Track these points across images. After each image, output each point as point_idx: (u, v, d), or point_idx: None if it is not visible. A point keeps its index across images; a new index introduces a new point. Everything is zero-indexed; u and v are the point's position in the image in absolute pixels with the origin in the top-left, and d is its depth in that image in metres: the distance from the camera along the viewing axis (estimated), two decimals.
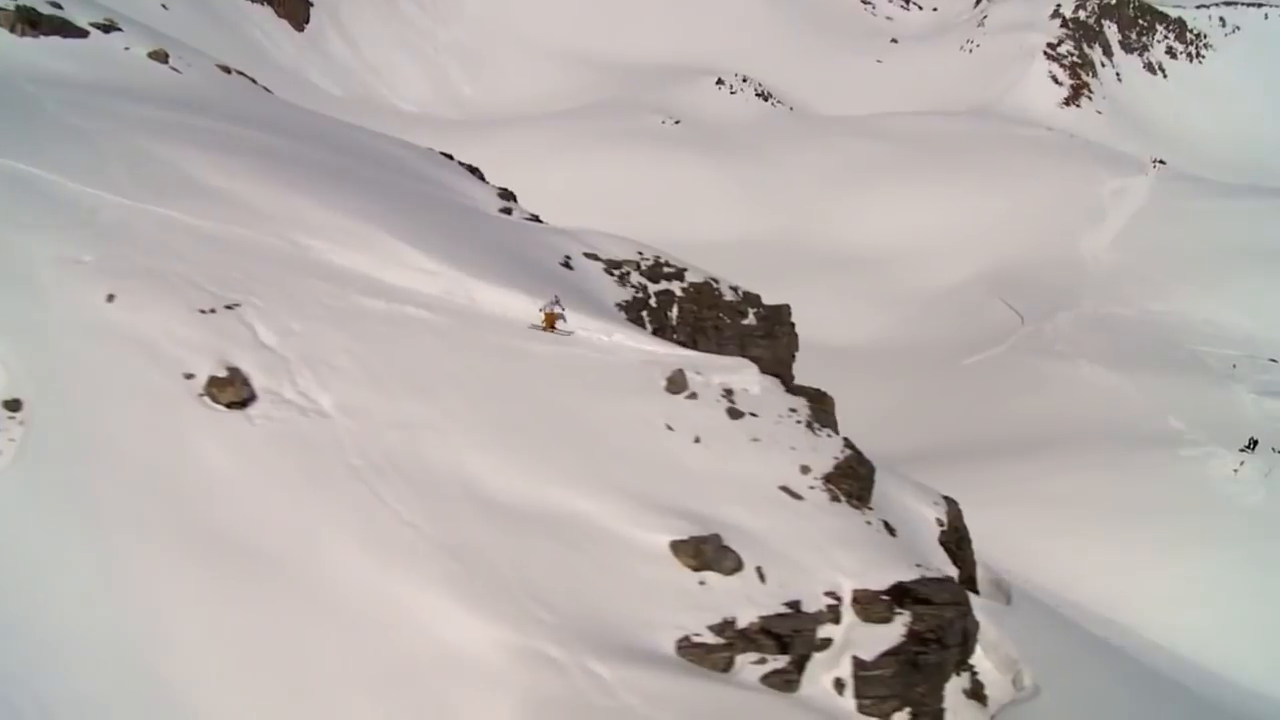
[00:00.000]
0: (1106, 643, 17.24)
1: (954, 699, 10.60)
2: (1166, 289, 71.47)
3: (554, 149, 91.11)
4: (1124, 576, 37.17)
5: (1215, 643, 34.27)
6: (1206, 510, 39.81)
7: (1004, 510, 41.06)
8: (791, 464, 11.91)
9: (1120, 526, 39.50)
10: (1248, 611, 35.30)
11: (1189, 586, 36.48)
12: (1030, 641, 12.09)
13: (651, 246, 19.60)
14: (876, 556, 11.02)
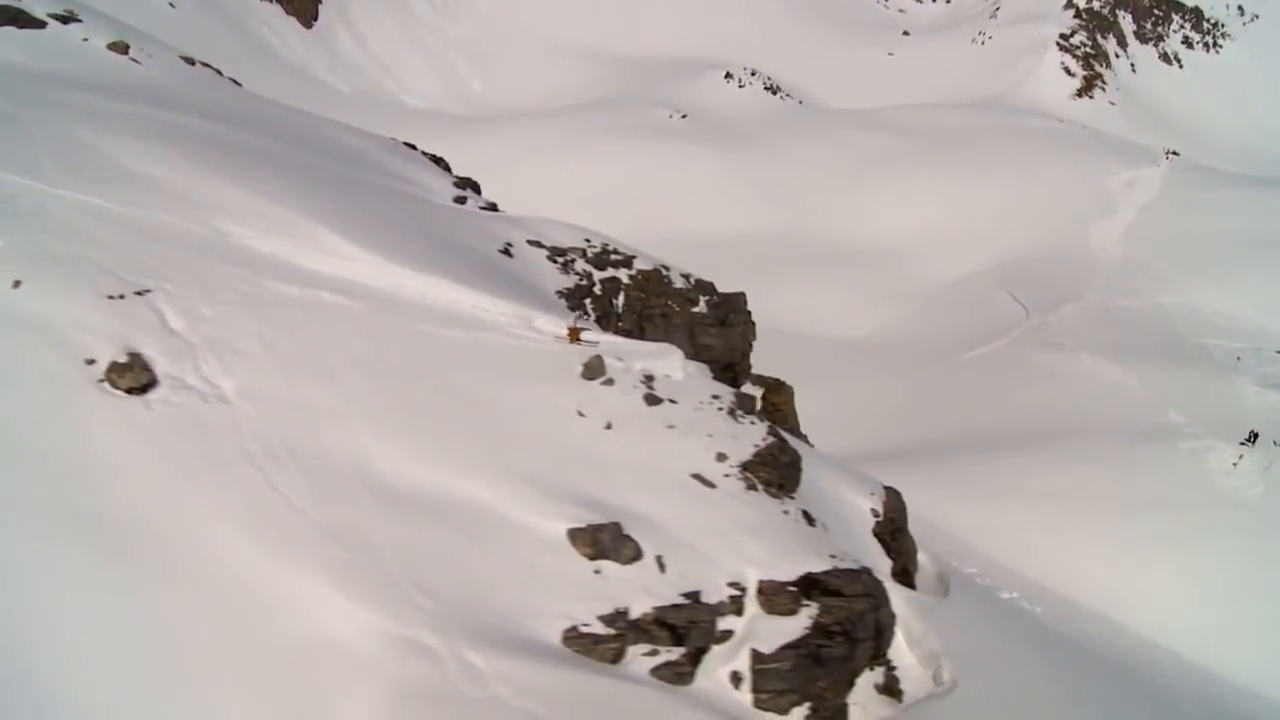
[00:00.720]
0: (1057, 636, 16.85)
1: (864, 694, 10.31)
2: (1176, 281, 70.62)
3: (559, 144, 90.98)
4: (1120, 572, 36.62)
5: (1212, 640, 33.70)
6: (1205, 504, 39.21)
7: (1000, 505, 40.69)
8: (707, 451, 11.64)
9: (1117, 521, 38.95)
10: (1245, 608, 34.69)
11: (1186, 582, 35.91)
12: (961, 635, 11.76)
13: (601, 234, 19.33)
14: (788, 546, 10.73)
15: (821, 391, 59.53)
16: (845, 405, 56.87)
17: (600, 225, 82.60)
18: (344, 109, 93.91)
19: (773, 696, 9.35)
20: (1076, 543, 38.15)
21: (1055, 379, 51.59)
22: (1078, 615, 34.75)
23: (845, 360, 63.65)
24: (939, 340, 64.29)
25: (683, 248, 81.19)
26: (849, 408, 56.43)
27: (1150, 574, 36.51)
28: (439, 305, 12.93)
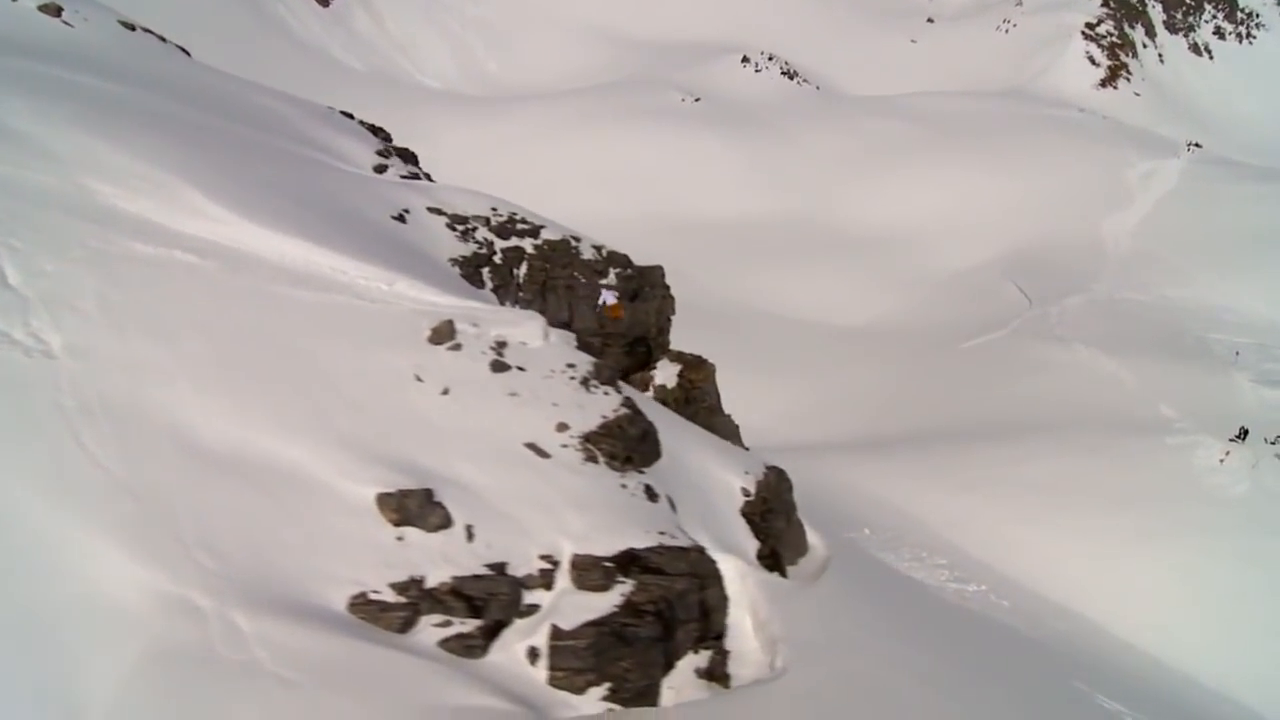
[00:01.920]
0: (954, 624, 16.36)
1: (683, 677, 9.93)
2: (1188, 275, 69.41)
3: (569, 126, 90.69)
4: (1094, 567, 35.96)
5: (1185, 640, 33.02)
6: (1188, 500, 38.42)
7: (980, 495, 40.10)
8: (548, 421, 11.30)
9: (1097, 515, 38.26)
10: (1222, 607, 33.95)
11: (1161, 579, 35.19)
12: (816, 622, 11.36)
13: (510, 203, 18.98)
14: (614, 521, 10.36)
15: (815, 378, 59.17)
16: (838, 392, 56.37)
17: (606, 207, 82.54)
18: (357, 88, 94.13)
19: (568, 675, 9.01)
20: (1052, 536, 37.50)
21: (1049, 370, 50.78)
22: (1046, 611, 34.14)
23: (843, 347, 63.05)
24: (940, 329, 63.55)
25: (688, 231, 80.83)
26: (841, 395, 55.93)
27: (1126, 570, 35.82)
28: (296, 267, 12.66)
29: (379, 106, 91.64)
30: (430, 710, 8.08)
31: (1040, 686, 15.29)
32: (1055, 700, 14.65)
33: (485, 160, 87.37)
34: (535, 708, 8.83)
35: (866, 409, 52.86)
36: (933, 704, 10.61)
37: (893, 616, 12.87)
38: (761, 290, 71.61)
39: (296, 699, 7.82)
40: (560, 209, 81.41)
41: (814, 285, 72.35)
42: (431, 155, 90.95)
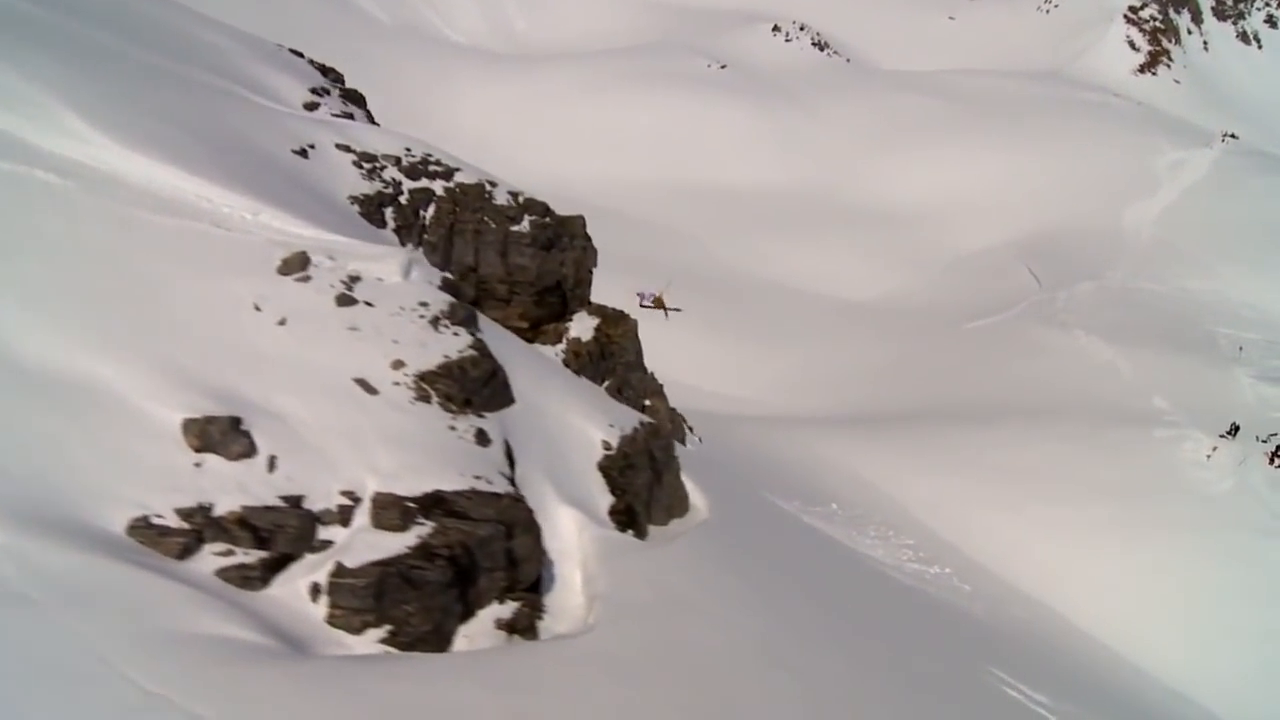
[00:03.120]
0: (827, 597, 15.91)
1: (480, 626, 9.65)
2: (1209, 267, 67.91)
3: (593, 88, 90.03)
4: (1064, 557, 35.38)
5: (1148, 635, 32.40)
6: (1168, 494, 37.69)
7: (957, 477, 39.56)
8: (383, 357, 11.01)
9: (1072, 504, 37.62)
10: (1189, 605, 33.28)
11: (1130, 573, 34.58)
12: (650, 582, 11.01)
13: (428, 144, 18.63)
14: (428, 462, 10.08)
15: (813, 350, 58.57)
16: (834, 366, 55.79)
17: (623, 170, 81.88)
18: (382, 41, 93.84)
19: (346, 614, 8.78)
20: (1025, 523, 36.93)
21: (1046, 355, 49.93)
22: (1009, 597, 33.64)
23: (846, 321, 62.39)
24: (946, 308, 62.70)
25: (703, 198, 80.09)
26: (837, 369, 55.34)
27: (1095, 562, 35.23)
28: (162, 193, 12.41)
29: (404, 61, 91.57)
30: (172, 636, 7.87)
31: (933, 669, 14.87)
32: (942, 683, 14.27)
33: (507, 118, 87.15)
34: (303, 644, 8.63)
35: (860, 384, 52.26)
36: (752, 671, 10.30)
37: (758, 584, 12.52)
38: (771, 260, 70.91)
39: (27, 617, 7.63)
40: (576, 171, 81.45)
41: (825, 258, 71.55)
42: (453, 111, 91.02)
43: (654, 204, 77.84)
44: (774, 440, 41.18)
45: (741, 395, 52.24)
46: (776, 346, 58.26)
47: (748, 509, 17.84)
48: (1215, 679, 30.58)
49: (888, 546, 33.17)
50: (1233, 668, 30.86)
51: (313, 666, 8.21)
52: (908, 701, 11.89)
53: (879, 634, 15.02)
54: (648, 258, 68.77)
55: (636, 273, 65.50)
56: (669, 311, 15.81)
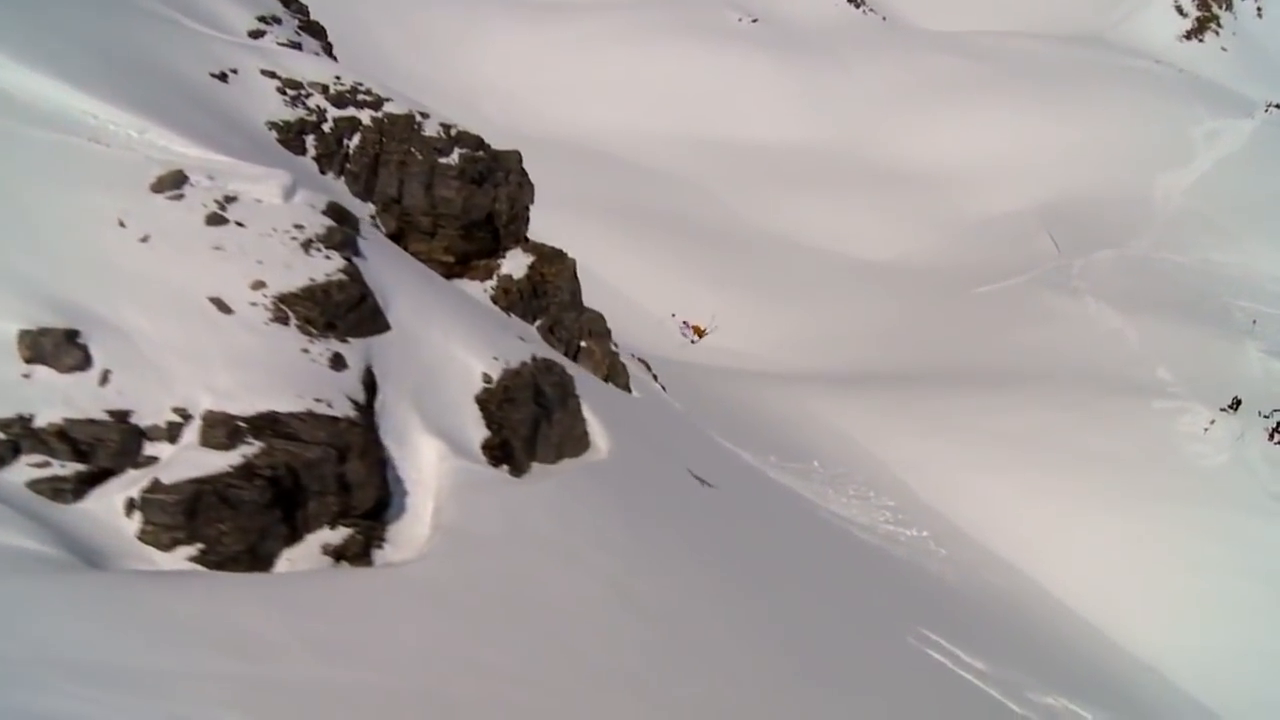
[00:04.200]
0: (724, 549, 15.57)
1: (306, 551, 9.49)
2: (1237, 239, 66.20)
3: (621, 36, 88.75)
4: (1046, 526, 34.85)
5: (1126, 608, 31.84)
6: (1160, 467, 36.94)
7: (946, 441, 39.04)
8: (245, 278, 10.80)
9: (1061, 473, 37.00)
10: (1170, 580, 32.63)
11: (1113, 545, 33.98)
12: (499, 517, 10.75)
13: (364, 74, 18.26)
14: (269, 383, 9.87)
15: (822, 309, 57.96)
16: (840, 325, 55.19)
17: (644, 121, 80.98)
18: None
19: (156, 530, 8.64)
20: (1011, 490, 36.39)
21: (1053, 321, 49.00)
22: (986, 563, 33.20)
23: (858, 281, 61.62)
24: (962, 271, 61.69)
25: (723, 152, 79.06)
26: (843, 328, 54.74)
27: (1078, 532, 34.67)
28: (47, 108, 12.23)
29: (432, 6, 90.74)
30: None
31: (842, 629, 14.58)
32: (843, 642, 13.97)
33: (533, 67, 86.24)
34: (108, 559, 8.52)
35: (864, 344, 51.66)
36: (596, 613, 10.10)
37: (637, 528, 12.25)
38: (788, 217, 70.06)
39: None
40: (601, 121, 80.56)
41: (844, 217, 70.57)
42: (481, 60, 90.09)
43: (675, 156, 77.03)
44: (764, 395, 40.82)
45: (744, 350, 51.78)
46: (785, 304, 57.68)
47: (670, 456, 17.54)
48: (1188, 655, 30.07)
49: (865, 507, 32.84)
50: (1206, 644, 30.34)
51: (98, 580, 8.07)
52: (782, 657, 11.62)
53: (788, 592, 14.72)
54: (664, 210, 68.31)
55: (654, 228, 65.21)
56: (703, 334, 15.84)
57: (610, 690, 9.27)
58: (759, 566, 14.69)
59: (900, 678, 13.93)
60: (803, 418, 39.12)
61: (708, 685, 9.94)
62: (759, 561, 14.95)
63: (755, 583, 13.80)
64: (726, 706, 9.73)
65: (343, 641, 8.28)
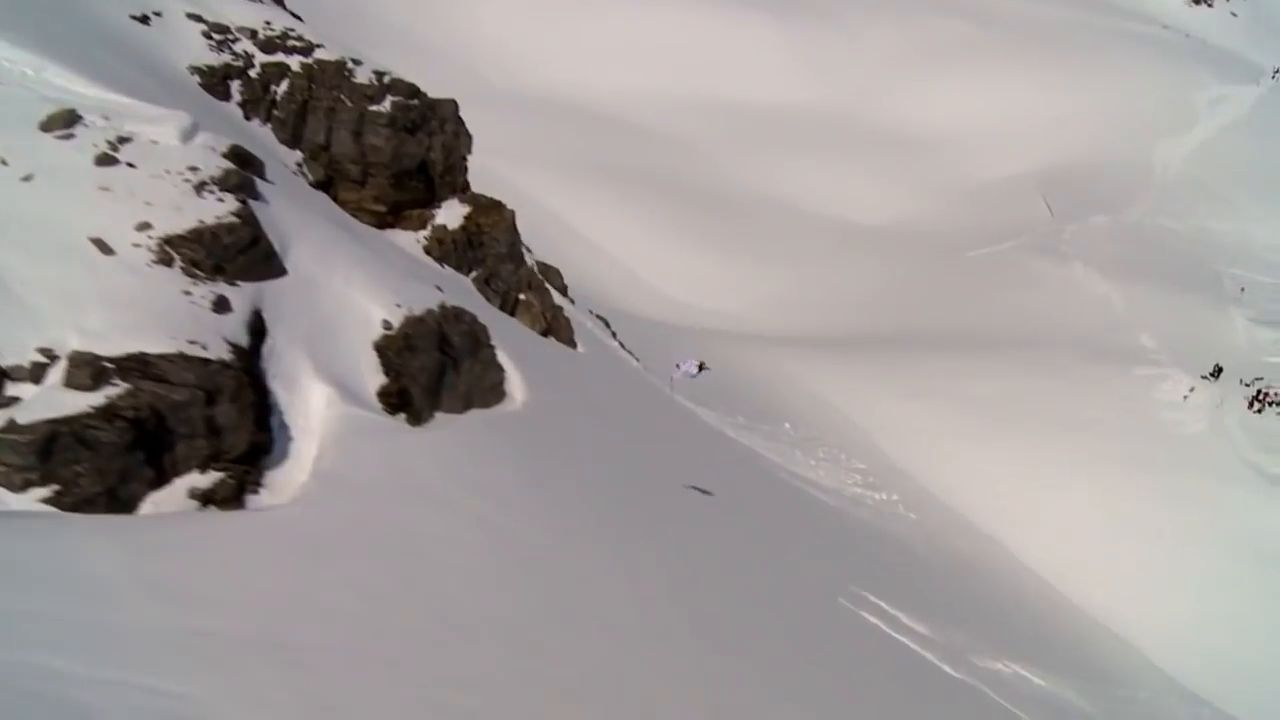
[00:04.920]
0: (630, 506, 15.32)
1: (172, 494, 9.36)
2: (1236, 207, 65.56)
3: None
4: (1019, 492, 34.65)
5: (1089, 574, 31.66)
6: (1137, 433, 36.70)
7: (923, 405, 38.82)
8: (131, 219, 10.56)
9: (1037, 439, 36.79)
10: (1139, 547, 32.47)
11: (1085, 512, 33.80)
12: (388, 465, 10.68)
13: (294, 20, 17.90)
14: (142, 324, 9.66)
15: (810, 271, 57.54)
16: (827, 288, 54.81)
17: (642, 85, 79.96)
18: None
19: (8, 470, 8.48)
20: (986, 455, 36.18)
21: (1039, 287, 48.59)
22: (955, 528, 33.03)
23: (849, 244, 61.17)
24: (954, 236, 61.21)
25: (719, 113, 78.22)
26: (830, 291, 54.36)
27: (1052, 498, 34.50)
28: None
29: None
30: None
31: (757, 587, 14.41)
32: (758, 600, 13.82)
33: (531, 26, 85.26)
34: None
35: (850, 308, 51.30)
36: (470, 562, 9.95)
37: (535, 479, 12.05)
38: (783, 180, 69.50)
39: None
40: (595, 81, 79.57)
41: (838, 180, 69.98)
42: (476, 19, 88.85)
43: (671, 118, 76.39)
44: (742, 356, 40.56)
45: (730, 311, 51.53)
46: (773, 266, 57.30)
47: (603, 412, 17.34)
48: (1150, 620, 29.97)
49: (834, 469, 32.66)
50: (1169, 609, 30.24)
51: None
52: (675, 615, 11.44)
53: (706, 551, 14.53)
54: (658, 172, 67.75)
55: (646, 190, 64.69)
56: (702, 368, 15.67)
57: (475, 640, 9.11)
58: (678, 526, 14.51)
59: (814, 636, 13.75)
60: (779, 380, 38.88)
61: (583, 639, 9.79)
62: (681, 521, 14.77)
63: (667, 541, 13.62)
64: (599, 660, 9.59)
65: (189, 586, 8.11)
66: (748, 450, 26.09)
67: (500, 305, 18.27)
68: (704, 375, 33.69)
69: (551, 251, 50.18)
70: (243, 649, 7.77)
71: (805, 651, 12.68)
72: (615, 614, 10.58)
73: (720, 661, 10.97)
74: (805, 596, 15.42)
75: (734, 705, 10.24)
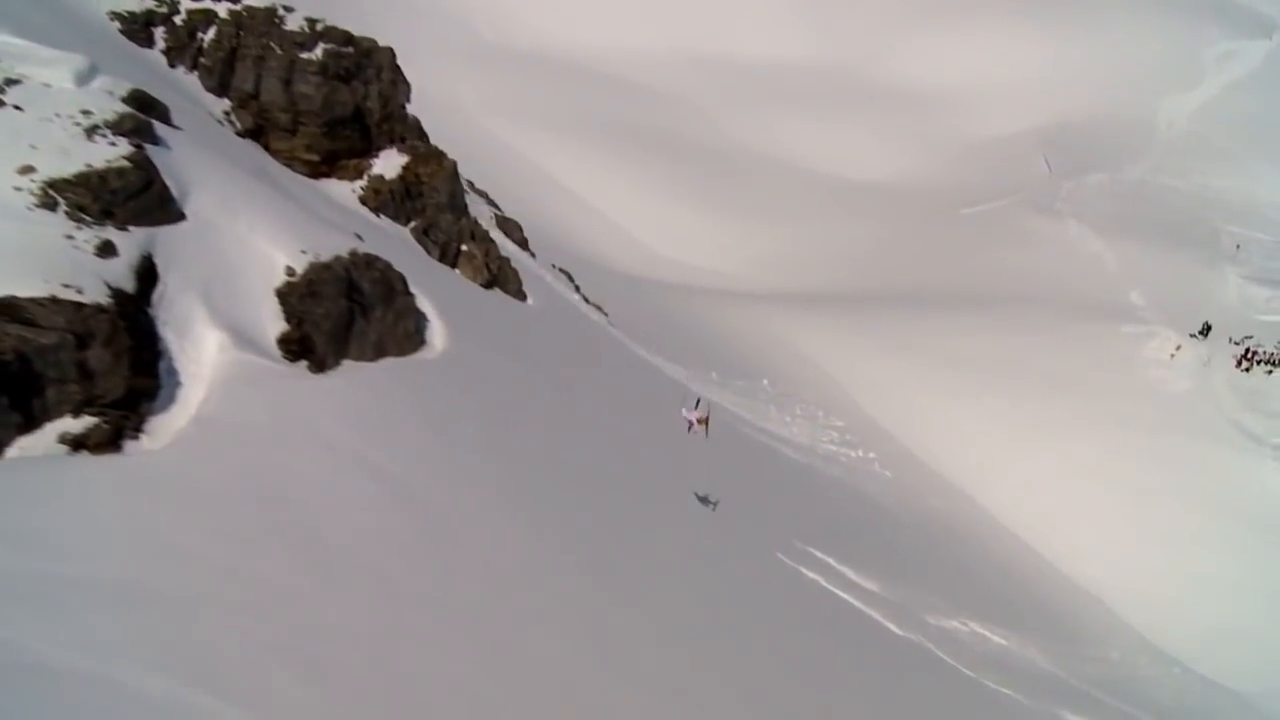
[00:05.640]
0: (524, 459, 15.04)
1: (39, 440, 9.22)
2: (1241, 164, 64.49)
3: None
4: (1003, 450, 34.32)
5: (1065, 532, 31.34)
6: (1120, 392, 36.23)
7: (906, 362, 38.45)
8: (14, 161, 10.37)
9: (1019, 397, 36.39)
10: (1117, 507, 32.12)
11: (1064, 471, 33.41)
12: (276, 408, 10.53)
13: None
14: (12, 269, 9.38)
15: (803, 229, 56.96)
16: (820, 246, 54.26)
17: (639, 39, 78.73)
18: None
19: None
20: (966, 414, 35.82)
21: (1033, 244, 47.95)
22: (932, 487, 32.75)
23: (844, 202, 60.52)
24: (951, 193, 60.47)
25: (719, 70, 77.20)
26: (823, 248, 53.82)
27: (1030, 455, 34.14)
28: None
29: None
30: None
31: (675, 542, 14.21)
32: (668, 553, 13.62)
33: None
34: None
35: (840, 265, 50.77)
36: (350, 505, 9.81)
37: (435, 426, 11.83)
38: (780, 138, 68.74)
39: None
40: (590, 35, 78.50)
41: (838, 138, 69.19)
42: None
43: (668, 74, 75.59)
44: (725, 314, 40.24)
45: (721, 268, 51.10)
46: (766, 223, 56.76)
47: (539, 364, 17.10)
48: (1123, 578, 29.72)
49: (810, 426, 32.41)
50: (1141, 568, 29.98)
51: None
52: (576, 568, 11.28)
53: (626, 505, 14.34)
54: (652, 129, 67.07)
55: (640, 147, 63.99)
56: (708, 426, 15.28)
57: (344, 587, 8.98)
58: (602, 480, 14.32)
59: (736, 592, 13.57)
60: (761, 337, 38.53)
61: (461, 588, 9.64)
62: (606, 475, 14.59)
63: (585, 494, 13.43)
64: (474, 610, 9.44)
65: (44, 530, 7.98)
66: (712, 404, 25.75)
67: (440, 256, 18.00)
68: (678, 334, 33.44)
69: (541, 209, 49.80)
70: (77, 591, 7.63)
71: (721, 607, 12.51)
72: (505, 565, 10.42)
73: (621, 617, 10.80)
74: (737, 552, 15.23)
75: (629, 660, 10.08)
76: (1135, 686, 25.05)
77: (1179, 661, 27.92)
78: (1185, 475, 32.95)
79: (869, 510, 27.41)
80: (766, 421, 29.35)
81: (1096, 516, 31.94)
